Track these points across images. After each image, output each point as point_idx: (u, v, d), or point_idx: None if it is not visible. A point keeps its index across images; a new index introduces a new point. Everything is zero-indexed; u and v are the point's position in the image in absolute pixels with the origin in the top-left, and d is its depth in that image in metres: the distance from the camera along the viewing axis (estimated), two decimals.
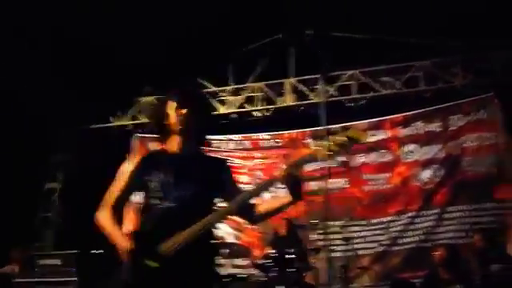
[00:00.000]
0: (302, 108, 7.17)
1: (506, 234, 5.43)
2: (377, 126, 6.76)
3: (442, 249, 4.99)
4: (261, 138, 7.30)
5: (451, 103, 6.40)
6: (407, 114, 6.64)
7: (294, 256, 5.16)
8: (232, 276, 5.33)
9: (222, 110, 7.41)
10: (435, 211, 6.15)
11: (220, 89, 7.48)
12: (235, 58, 7.44)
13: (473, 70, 6.33)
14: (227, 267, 6.02)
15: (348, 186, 6.66)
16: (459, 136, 6.28)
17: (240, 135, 7.44)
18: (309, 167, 6.85)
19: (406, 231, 6.21)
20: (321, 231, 6.21)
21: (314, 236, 6.10)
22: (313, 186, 6.75)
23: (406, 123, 6.64)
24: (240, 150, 7.30)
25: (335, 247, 6.24)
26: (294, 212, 6.68)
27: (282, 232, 5.64)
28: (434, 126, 6.50)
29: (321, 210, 6.59)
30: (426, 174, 6.35)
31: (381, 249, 6.23)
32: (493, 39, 5.99)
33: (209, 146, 7.37)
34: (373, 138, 6.71)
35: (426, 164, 6.39)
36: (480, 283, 4.84)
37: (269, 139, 7.23)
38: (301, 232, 5.97)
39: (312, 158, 1.96)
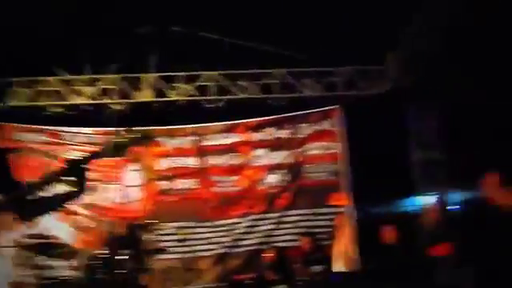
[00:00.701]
0: (157, 105, 7.02)
1: (335, 236, 5.74)
2: (231, 129, 6.83)
3: (272, 251, 5.15)
4: (112, 133, 6.96)
5: (300, 112, 6.66)
6: (260, 119, 6.79)
7: (126, 257, 4.98)
8: (54, 278, 5.00)
9: (76, 100, 7.00)
10: (277, 214, 6.34)
11: (74, 77, 7.06)
12: (94, 48, 7.09)
13: (322, 83, 6.65)
14: (60, 269, 5.66)
15: (198, 186, 6.62)
16: (304, 144, 6.56)
17: (91, 129, 7.06)
18: (160, 166, 6.80)
19: (248, 233, 6.31)
20: (161, 232, 6.12)
21: (152, 237, 5.95)
22: (163, 185, 6.64)
23: (258, 128, 6.79)
24: (88, 143, 6.90)
25: (174, 248, 6.17)
26: (141, 212, 6.52)
27: (120, 232, 5.41)
28: (284, 133, 6.72)
29: (170, 210, 6.52)
30: (273, 179, 6.54)
31: (222, 250, 6.26)
32: (338, 56, 6.36)
33: (59, 139, 6.94)
34: (226, 140, 6.78)
35: (273, 169, 6.57)
36: (302, 284, 5.06)
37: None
38: (141, 233, 5.80)
39: (97, 155, 1.85)
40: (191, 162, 6.72)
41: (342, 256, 5.15)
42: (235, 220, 6.41)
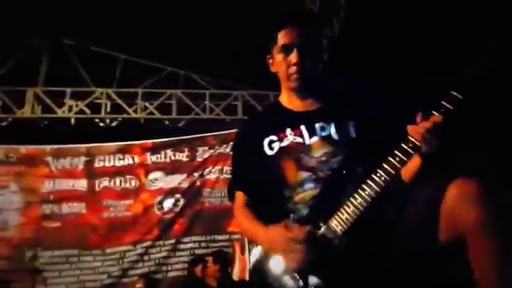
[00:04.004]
0: (47, 122, 6.50)
1: (233, 263, 5.58)
2: (125, 150, 6.45)
3: (142, 281, 4.91)
4: None
5: (198, 135, 6.48)
6: (156, 140, 6.50)
7: None
8: None
9: None
10: (171, 241, 6.05)
11: None
12: None
13: (221, 106, 6.56)
14: None
15: (85, 211, 6.14)
16: (203, 167, 6.37)
17: None
18: (45, 188, 6.24)
19: (139, 262, 5.94)
20: (42, 261, 5.60)
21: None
22: (46, 209, 6.10)
23: (155, 150, 6.48)
24: None
25: (57, 279, 5.65)
26: (20, 238, 5.93)
27: None
28: (182, 156, 6.48)
29: (53, 237, 6.00)
30: (168, 204, 6.25)
31: (109, 281, 5.83)
32: (238, 78, 6.33)
33: None
34: (120, 162, 6.40)
35: (168, 193, 6.28)
36: None
37: (0, 153, 6.27)
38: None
39: None
40: (80, 184, 6.23)
41: None
42: (126, 247, 6.01)
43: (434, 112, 1.60)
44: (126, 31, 6.14)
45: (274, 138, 1.87)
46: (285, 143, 1.85)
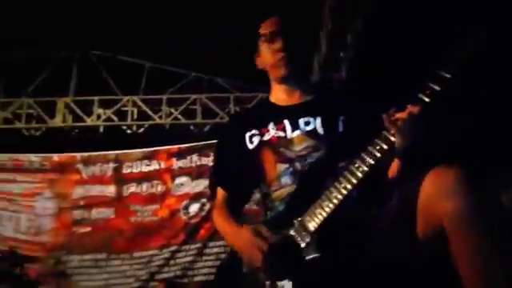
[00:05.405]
0: (78, 131, 6.71)
1: None
2: (151, 156, 6.56)
3: (162, 284, 4.93)
4: (27, 159, 6.56)
5: None
6: (182, 146, 6.57)
7: None
8: None
9: None
10: (197, 246, 6.08)
11: None
12: (9, 69, 6.72)
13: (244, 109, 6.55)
14: None
15: (113, 216, 6.28)
16: None
17: (6, 155, 6.62)
18: (76, 194, 6.43)
19: (165, 266, 6.00)
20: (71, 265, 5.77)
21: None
22: (77, 215, 6.28)
23: (180, 155, 6.55)
24: (0, 171, 6.46)
25: (86, 283, 5.79)
26: (53, 243, 6.13)
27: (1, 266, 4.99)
28: (208, 160, 6.50)
29: (83, 241, 6.17)
30: (194, 208, 6.28)
31: (137, 284, 5.91)
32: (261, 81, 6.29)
33: None
34: (146, 168, 6.51)
35: (194, 198, 6.32)
36: None
37: (35, 161, 6.53)
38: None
39: None
40: (108, 190, 6.38)
41: None
42: (153, 252, 6.09)
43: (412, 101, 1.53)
44: (149, 40, 6.27)
45: (255, 132, 1.85)
46: (266, 137, 1.82)
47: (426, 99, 1.48)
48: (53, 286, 5.26)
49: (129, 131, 6.71)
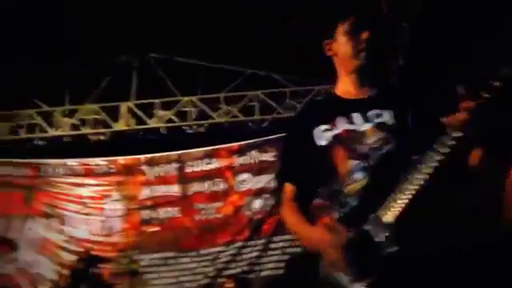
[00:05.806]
0: (142, 133, 6.91)
1: None
2: (212, 155, 6.65)
3: (231, 280, 4.95)
4: (94, 163, 6.85)
5: (282, 134, 6.44)
6: (242, 143, 6.60)
7: None
8: None
9: (56, 132, 6.91)
10: (262, 241, 6.10)
11: (52, 109, 6.97)
12: (73, 78, 7.02)
13: (301, 103, 6.47)
14: None
15: (180, 215, 6.43)
16: None
17: (74, 160, 6.95)
18: (142, 195, 6.64)
19: (232, 262, 6.08)
20: (143, 263, 5.97)
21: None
22: (144, 215, 6.48)
23: (241, 152, 6.59)
24: (70, 175, 6.78)
25: (158, 280, 5.97)
26: (124, 243, 6.37)
27: (79, 266, 5.23)
28: (268, 156, 6.51)
29: (152, 241, 6.37)
30: (257, 204, 6.31)
31: (205, 281, 6.03)
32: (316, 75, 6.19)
33: (39, 172, 6.85)
34: (208, 166, 6.60)
35: (257, 193, 6.35)
36: None
37: (102, 165, 6.80)
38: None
39: None
40: (173, 189, 6.54)
41: None
42: (220, 248, 6.18)
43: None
44: (204, 40, 6.33)
45: (324, 127, 1.80)
46: (336, 131, 1.77)
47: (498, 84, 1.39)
48: (126, 285, 5.45)
49: (189, 131, 6.82)
